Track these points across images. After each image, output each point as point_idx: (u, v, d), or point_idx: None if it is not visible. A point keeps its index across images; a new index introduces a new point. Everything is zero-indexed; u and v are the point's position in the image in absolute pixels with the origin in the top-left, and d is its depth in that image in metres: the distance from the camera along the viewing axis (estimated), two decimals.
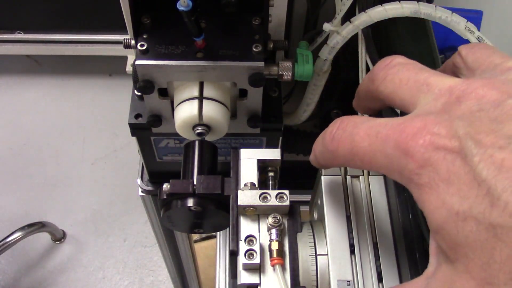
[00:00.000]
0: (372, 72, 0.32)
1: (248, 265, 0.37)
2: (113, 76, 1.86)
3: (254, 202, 0.39)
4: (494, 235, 0.21)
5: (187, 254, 0.95)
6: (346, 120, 0.30)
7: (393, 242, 0.40)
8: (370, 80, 0.31)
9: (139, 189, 0.69)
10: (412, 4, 0.49)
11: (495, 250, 0.21)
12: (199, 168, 0.44)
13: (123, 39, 0.49)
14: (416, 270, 0.38)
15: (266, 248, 0.38)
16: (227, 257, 0.92)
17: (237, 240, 0.39)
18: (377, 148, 0.26)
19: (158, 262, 1.56)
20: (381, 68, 0.30)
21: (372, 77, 0.31)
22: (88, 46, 1.64)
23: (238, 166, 0.42)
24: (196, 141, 0.45)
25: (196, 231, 0.47)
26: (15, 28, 1.61)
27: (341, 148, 0.29)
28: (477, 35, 0.50)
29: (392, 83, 0.29)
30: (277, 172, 0.43)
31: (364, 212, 0.41)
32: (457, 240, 0.22)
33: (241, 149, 0.42)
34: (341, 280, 0.38)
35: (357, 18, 0.50)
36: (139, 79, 0.46)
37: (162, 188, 0.42)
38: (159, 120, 0.52)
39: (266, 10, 0.46)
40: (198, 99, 0.47)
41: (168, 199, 0.42)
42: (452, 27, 0.49)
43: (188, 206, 0.41)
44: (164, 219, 0.44)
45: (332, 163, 0.32)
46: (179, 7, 0.39)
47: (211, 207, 0.42)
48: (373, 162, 0.27)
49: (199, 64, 0.45)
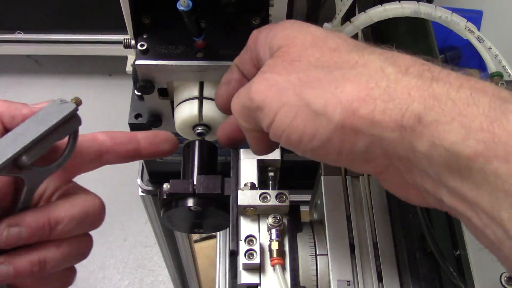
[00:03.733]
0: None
1: (248, 265, 0.37)
2: (113, 76, 1.86)
3: (254, 202, 0.39)
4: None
5: (187, 254, 0.95)
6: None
7: (393, 242, 0.40)
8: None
9: (139, 189, 0.69)
10: (412, 4, 0.49)
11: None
12: (199, 168, 0.44)
13: (123, 39, 0.48)
14: (416, 270, 0.38)
15: (266, 248, 0.38)
16: (227, 257, 0.92)
17: (237, 240, 0.39)
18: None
19: (158, 262, 1.56)
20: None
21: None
22: (88, 46, 1.64)
23: (238, 166, 0.42)
24: (196, 141, 0.45)
25: (196, 231, 0.47)
26: (15, 28, 1.61)
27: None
28: (477, 35, 0.50)
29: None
30: (277, 172, 0.43)
31: (364, 212, 0.41)
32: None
33: (241, 149, 0.42)
34: (341, 280, 0.38)
35: (357, 18, 0.50)
36: (139, 79, 0.46)
37: (162, 188, 0.42)
38: (159, 120, 0.52)
39: (266, 10, 0.46)
40: (198, 99, 0.47)
41: (168, 199, 0.42)
42: (452, 27, 0.49)
43: (188, 206, 0.41)
44: (164, 219, 0.44)
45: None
46: (179, 7, 0.39)
47: (211, 207, 0.42)
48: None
49: (199, 64, 0.45)
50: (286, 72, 0.32)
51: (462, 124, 0.26)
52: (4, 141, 0.34)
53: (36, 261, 0.35)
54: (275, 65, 0.33)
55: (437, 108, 0.27)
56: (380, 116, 0.28)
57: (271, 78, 0.32)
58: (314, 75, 0.31)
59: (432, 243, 0.38)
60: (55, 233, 0.36)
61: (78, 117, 0.37)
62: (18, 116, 0.36)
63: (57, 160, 0.37)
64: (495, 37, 0.56)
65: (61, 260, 0.37)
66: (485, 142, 0.25)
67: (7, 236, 0.34)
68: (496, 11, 1.22)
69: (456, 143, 0.26)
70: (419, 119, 0.27)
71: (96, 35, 1.61)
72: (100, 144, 0.40)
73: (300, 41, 0.34)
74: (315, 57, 0.32)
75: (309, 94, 0.30)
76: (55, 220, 0.36)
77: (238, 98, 0.35)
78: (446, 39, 1.22)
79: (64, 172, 0.39)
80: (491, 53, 0.50)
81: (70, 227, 0.36)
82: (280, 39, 0.35)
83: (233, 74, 0.40)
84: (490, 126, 0.25)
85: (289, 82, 0.32)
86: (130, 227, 1.59)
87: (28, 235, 0.35)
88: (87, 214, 0.37)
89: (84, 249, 0.39)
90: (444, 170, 0.27)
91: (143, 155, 0.42)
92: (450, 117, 0.26)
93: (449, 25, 0.49)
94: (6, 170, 0.33)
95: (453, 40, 1.21)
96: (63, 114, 0.35)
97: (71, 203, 0.37)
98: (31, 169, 0.35)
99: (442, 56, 1.23)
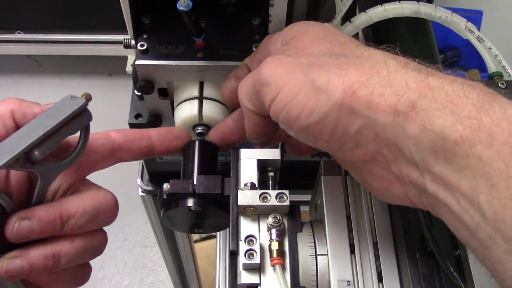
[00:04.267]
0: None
1: (248, 265, 0.37)
2: (113, 76, 1.86)
3: (254, 202, 0.39)
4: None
5: (187, 254, 0.95)
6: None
7: (393, 242, 0.40)
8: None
9: (139, 189, 0.69)
10: (412, 4, 0.49)
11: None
12: (199, 168, 0.44)
13: (123, 39, 0.48)
14: (416, 270, 0.38)
15: (266, 248, 0.38)
16: (227, 257, 0.92)
17: (237, 240, 0.39)
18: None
19: (158, 262, 1.56)
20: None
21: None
22: (88, 46, 1.64)
23: (238, 166, 0.42)
24: (196, 141, 0.45)
25: (196, 231, 0.47)
26: (15, 28, 1.61)
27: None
28: (477, 35, 0.50)
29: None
30: (277, 172, 0.43)
31: (364, 212, 0.41)
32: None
33: (241, 149, 0.42)
34: (341, 280, 0.38)
35: (357, 18, 0.50)
36: (139, 79, 0.46)
37: (162, 188, 0.41)
38: (159, 120, 0.52)
39: (266, 10, 0.46)
40: (198, 99, 0.47)
41: (168, 199, 0.42)
42: (452, 27, 0.49)
43: (188, 206, 0.41)
44: (164, 219, 0.44)
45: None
46: (179, 7, 0.39)
47: (211, 207, 0.42)
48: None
49: (199, 64, 0.45)
50: (297, 55, 0.35)
51: (452, 111, 0.28)
52: (16, 136, 0.35)
53: (50, 255, 0.36)
54: (287, 49, 0.36)
55: (431, 97, 0.29)
56: (377, 99, 0.30)
57: (282, 58, 0.35)
58: (322, 59, 0.33)
59: (432, 243, 0.38)
60: (67, 227, 0.36)
61: (89, 112, 0.37)
62: (30, 114, 0.37)
63: (70, 155, 0.37)
64: (495, 37, 0.56)
65: (75, 255, 0.37)
66: (472, 128, 0.27)
67: (18, 228, 0.35)
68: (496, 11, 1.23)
69: (445, 128, 0.28)
70: (413, 105, 0.29)
71: (96, 35, 1.61)
72: (113, 141, 0.41)
73: (312, 33, 0.36)
74: (326, 47, 0.35)
75: (315, 72, 0.32)
76: (66, 214, 0.36)
77: (247, 78, 0.38)
78: (446, 39, 1.21)
79: (77, 170, 0.39)
80: (491, 53, 0.51)
81: (83, 221, 0.37)
82: (293, 31, 0.38)
83: (242, 70, 0.42)
84: (477, 114, 0.27)
85: (299, 63, 0.34)
86: (130, 227, 1.59)
87: (39, 229, 0.35)
88: (99, 209, 0.38)
89: (99, 245, 0.39)
90: (430, 154, 0.29)
91: (156, 152, 0.43)
92: (441, 105, 0.28)
93: (449, 25, 0.49)
94: (19, 164, 0.34)
95: (453, 40, 1.21)
96: (73, 108, 0.36)
97: (83, 198, 0.38)
98: (44, 164, 0.36)
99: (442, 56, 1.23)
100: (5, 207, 0.35)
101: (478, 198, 0.27)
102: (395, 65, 0.31)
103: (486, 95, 0.28)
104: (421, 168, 0.30)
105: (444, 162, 0.28)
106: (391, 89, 0.30)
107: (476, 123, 0.27)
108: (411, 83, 0.30)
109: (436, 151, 0.28)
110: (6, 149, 0.33)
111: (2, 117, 0.36)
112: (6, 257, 0.35)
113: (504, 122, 0.27)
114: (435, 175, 0.29)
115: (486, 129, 0.27)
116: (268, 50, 0.40)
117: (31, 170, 0.35)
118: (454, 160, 0.28)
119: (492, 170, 0.26)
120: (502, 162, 0.26)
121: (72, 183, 0.40)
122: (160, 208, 0.43)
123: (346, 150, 0.33)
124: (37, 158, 0.35)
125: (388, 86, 0.30)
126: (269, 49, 0.40)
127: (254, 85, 0.36)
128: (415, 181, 0.31)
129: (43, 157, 0.35)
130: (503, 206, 0.26)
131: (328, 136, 0.32)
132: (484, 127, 0.27)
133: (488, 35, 0.51)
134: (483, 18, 1.17)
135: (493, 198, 0.26)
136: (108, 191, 0.40)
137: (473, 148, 0.27)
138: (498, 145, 0.26)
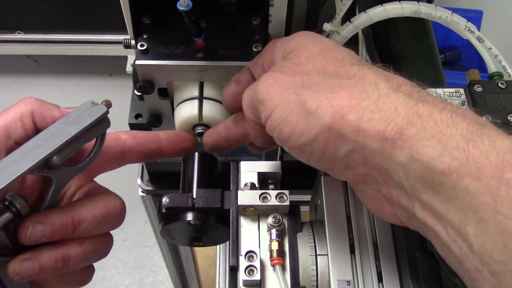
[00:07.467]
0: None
1: (248, 282, 0.37)
2: (113, 76, 1.86)
3: (254, 202, 0.39)
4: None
5: (187, 254, 0.95)
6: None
7: (393, 242, 0.40)
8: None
9: (139, 189, 0.68)
10: (412, 4, 0.49)
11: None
12: (199, 181, 0.43)
13: (123, 39, 0.48)
14: (416, 270, 0.38)
15: (267, 264, 0.38)
16: (227, 257, 0.92)
17: (237, 256, 0.38)
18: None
19: (158, 262, 1.56)
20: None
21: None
22: (88, 46, 1.64)
23: (238, 180, 0.42)
24: (196, 153, 0.44)
25: (196, 244, 0.46)
26: (15, 28, 1.61)
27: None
28: (477, 35, 0.50)
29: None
30: (278, 184, 0.43)
31: (364, 212, 0.41)
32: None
33: (241, 162, 0.42)
34: (341, 280, 0.38)
35: (357, 18, 0.50)
36: (139, 79, 0.46)
37: (161, 201, 0.41)
38: (159, 120, 0.52)
39: (266, 10, 0.46)
40: (198, 99, 0.47)
41: (167, 213, 0.41)
42: (452, 27, 0.49)
43: (188, 220, 0.41)
44: (163, 233, 0.43)
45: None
46: (179, 7, 0.39)
47: (210, 221, 0.41)
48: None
49: (199, 64, 0.45)
50: (292, 73, 0.35)
51: (440, 141, 0.28)
52: (36, 141, 0.35)
53: (60, 257, 0.36)
54: (284, 66, 0.37)
55: (419, 125, 0.29)
56: (365, 124, 0.30)
57: (277, 77, 0.35)
58: (315, 79, 0.34)
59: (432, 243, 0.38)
60: (78, 232, 0.37)
61: (108, 120, 0.37)
62: (49, 117, 0.37)
63: (84, 160, 0.38)
64: (495, 37, 0.56)
65: (83, 258, 0.38)
66: (459, 160, 0.27)
67: (32, 232, 0.35)
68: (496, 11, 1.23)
69: (433, 158, 0.28)
70: (401, 132, 0.29)
71: (96, 35, 1.61)
72: (123, 143, 0.41)
73: (310, 48, 0.36)
74: (321, 64, 0.35)
75: (307, 95, 0.33)
76: (78, 219, 0.37)
77: (248, 90, 0.38)
78: (446, 39, 1.22)
79: (87, 172, 0.39)
80: (491, 53, 0.50)
81: (93, 226, 0.38)
82: (293, 44, 0.38)
83: (244, 74, 0.43)
84: (466, 146, 0.27)
85: (293, 82, 0.34)
86: (130, 227, 1.59)
87: (51, 233, 0.36)
88: (108, 213, 0.39)
89: (105, 248, 0.40)
90: (418, 183, 0.29)
91: (165, 154, 0.43)
92: (430, 134, 0.28)
93: (449, 25, 0.49)
94: (38, 169, 0.34)
95: (453, 40, 1.22)
96: (94, 116, 0.36)
97: (94, 203, 0.38)
98: (60, 168, 0.36)
99: (442, 56, 1.23)
100: (21, 211, 0.35)
101: (466, 229, 0.27)
102: (386, 88, 0.31)
103: (475, 126, 0.28)
104: (410, 195, 0.30)
105: (432, 191, 0.28)
106: (380, 114, 0.30)
107: (464, 155, 0.27)
108: (400, 109, 0.30)
109: (424, 180, 0.28)
110: (27, 154, 0.34)
111: (22, 118, 0.37)
112: (18, 259, 0.35)
113: (493, 155, 0.27)
114: (423, 202, 0.29)
115: (474, 162, 0.27)
116: (271, 57, 0.40)
117: (47, 174, 0.36)
118: (442, 191, 0.28)
119: (480, 204, 0.26)
120: (490, 196, 0.26)
121: (81, 184, 0.40)
122: (159, 222, 0.43)
123: (336, 170, 0.33)
124: (55, 164, 0.35)
125: (377, 111, 0.30)
126: (272, 57, 0.40)
127: (252, 100, 0.37)
128: (405, 205, 0.31)
129: (61, 163, 0.35)
130: (491, 241, 0.26)
131: (319, 157, 0.33)
132: (472, 159, 0.27)
133: (488, 35, 0.51)
134: (483, 18, 1.18)
135: (481, 232, 0.26)
136: (117, 196, 0.40)
137: (460, 180, 0.27)
138: (486, 178, 0.26)
